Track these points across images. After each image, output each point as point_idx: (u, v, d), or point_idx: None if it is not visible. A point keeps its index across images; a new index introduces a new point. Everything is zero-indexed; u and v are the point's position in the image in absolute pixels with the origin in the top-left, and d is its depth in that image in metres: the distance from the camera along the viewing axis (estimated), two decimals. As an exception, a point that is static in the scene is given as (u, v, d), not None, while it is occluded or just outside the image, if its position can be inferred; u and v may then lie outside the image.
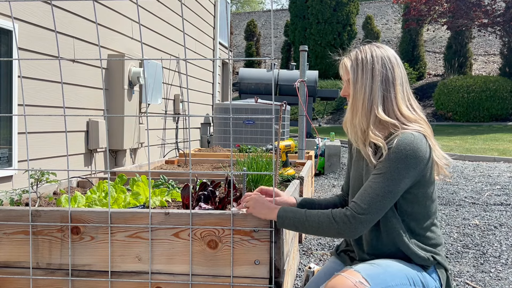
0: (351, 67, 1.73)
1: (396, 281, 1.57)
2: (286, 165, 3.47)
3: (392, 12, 27.43)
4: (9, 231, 1.78)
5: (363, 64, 1.71)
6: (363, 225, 1.58)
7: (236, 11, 38.87)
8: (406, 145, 1.59)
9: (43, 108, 3.92)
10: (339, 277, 1.55)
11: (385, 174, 1.59)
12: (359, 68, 1.71)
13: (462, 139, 12.02)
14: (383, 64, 1.71)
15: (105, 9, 4.89)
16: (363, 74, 1.70)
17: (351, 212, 1.59)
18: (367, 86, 1.69)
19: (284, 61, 22.42)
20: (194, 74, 7.82)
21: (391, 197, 1.59)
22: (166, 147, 6.63)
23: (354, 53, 1.77)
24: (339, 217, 1.59)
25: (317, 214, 1.64)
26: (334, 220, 1.60)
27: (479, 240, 3.84)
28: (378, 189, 1.59)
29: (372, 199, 1.58)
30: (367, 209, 1.58)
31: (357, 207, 1.59)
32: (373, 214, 1.58)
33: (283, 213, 1.67)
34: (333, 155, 7.46)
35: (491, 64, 20.40)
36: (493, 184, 6.27)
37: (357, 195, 1.63)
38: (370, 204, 1.58)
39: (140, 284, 1.74)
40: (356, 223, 1.58)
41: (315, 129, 5.27)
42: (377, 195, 1.58)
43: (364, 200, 1.59)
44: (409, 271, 1.62)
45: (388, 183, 1.58)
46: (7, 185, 3.53)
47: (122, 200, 2.22)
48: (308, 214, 1.65)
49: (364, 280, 1.52)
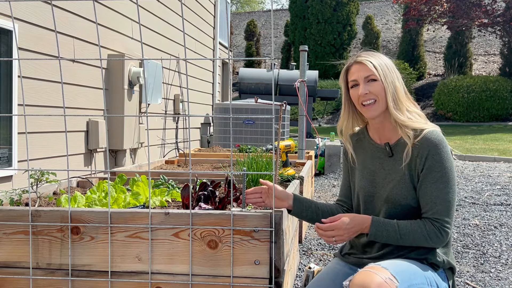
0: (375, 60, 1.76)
1: (417, 280, 1.59)
2: (286, 165, 3.47)
3: (392, 12, 27.43)
4: (9, 231, 1.78)
5: (381, 59, 1.78)
6: (449, 233, 1.67)
7: (236, 11, 38.87)
8: (443, 141, 1.68)
9: (43, 108, 3.92)
10: (366, 272, 1.52)
11: (443, 178, 1.65)
12: (382, 62, 1.77)
13: (462, 139, 12.02)
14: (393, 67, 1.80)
15: (105, 9, 4.89)
16: (387, 67, 1.76)
17: (443, 230, 1.64)
18: (395, 78, 1.76)
19: (284, 61, 22.42)
20: (194, 74, 7.82)
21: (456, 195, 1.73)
22: (166, 147, 6.63)
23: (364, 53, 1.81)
24: (434, 235, 1.64)
25: (411, 231, 1.66)
26: (429, 238, 1.64)
27: (479, 240, 3.84)
28: (450, 195, 1.65)
29: (451, 207, 1.66)
30: (450, 218, 1.66)
31: (442, 222, 1.64)
32: (453, 217, 1.68)
33: (375, 231, 1.67)
34: (333, 155, 7.46)
35: (491, 64, 20.39)
36: (493, 184, 6.27)
37: (434, 209, 1.65)
38: (449, 212, 1.65)
39: (140, 284, 1.74)
40: (447, 234, 1.66)
41: (315, 129, 5.26)
42: (453, 200, 1.66)
43: (446, 212, 1.65)
44: (425, 271, 1.65)
45: (451, 184, 1.66)
46: (7, 185, 3.53)
47: (122, 200, 2.22)
48: (402, 232, 1.66)
49: (393, 277, 1.51)
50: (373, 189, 1.79)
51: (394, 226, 1.65)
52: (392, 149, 1.76)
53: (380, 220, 1.68)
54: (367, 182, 1.81)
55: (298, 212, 1.88)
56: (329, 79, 19.73)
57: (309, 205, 1.88)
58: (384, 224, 1.66)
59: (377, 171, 1.78)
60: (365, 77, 1.74)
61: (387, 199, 1.73)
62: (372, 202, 1.80)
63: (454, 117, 16.13)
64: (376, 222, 1.67)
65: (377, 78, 1.73)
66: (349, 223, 1.66)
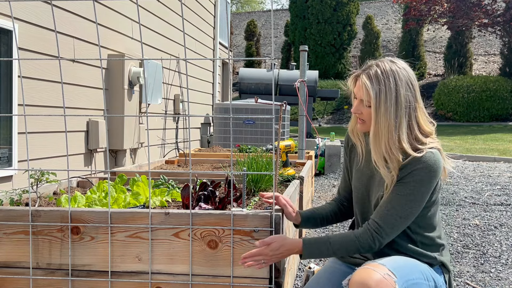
0: (372, 90, 1.63)
1: (415, 275, 1.61)
2: (286, 165, 3.46)
3: (392, 12, 27.42)
4: (9, 231, 1.78)
5: (387, 88, 1.63)
6: (383, 244, 1.65)
7: (236, 11, 38.86)
8: (430, 167, 1.61)
9: (43, 108, 3.91)
10: (365, 270, 1.54)
11: (409, 196, 1.61)
12: (382, 93, 1.63)
13: (462, 139, 12.02)
14: (407, 87, 1.64)
15: (105, 9, 4.89)
16: (386, 100, 1.62)
17: (376, 237, 1.63)
18: (392, 113, 1.62)
19: (284, 61, 22.41)
20: (194, 74, 7.82)
21: (412, 218, 1.65)
22: (166, 147, 6.63)
23: (374, 72, 1.66)
24: (366, 243, 1.64)
25: (343, 245, 1.66)
26: (361, 247, 1.64)
27: (479, 240, 3.84)
28: (401, 211, 1.62)
29: (395, 221, 1.62)
30: (390, 232, 1.63)
31: (381, 230, 1.63)
32: (394, 234, 1.65)
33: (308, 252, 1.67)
34: (333, 155, 7.46)
35: (491, 64, 20.39)
36: (493, 184, 6.27)
37: (379, 215, 1.64)
38: (393, 226, 1.63)
39: (140, 284, 1.74)
40: (380, 245, 1.64)
41: (315, 129, 5.27)
42: (400, 217, 1.62)
43: (387, 222, 1.63)
44: (422, 267, 1.66)
45: (412, 205, 1.62)
46: (7, 185, 3.52)
47: (122, 200, 2.22)
48: (335, 248, 1.66)
49: (391, 273, 1.53)
50: (366, 192, 1.81)
51: (327, 244, 1.66)
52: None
53: (312, 241, 1.68)
54: (361, 185, 1.82)
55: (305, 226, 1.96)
56: (329, 79, 19.73)
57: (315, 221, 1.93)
58: (316, 244, 1.67)
59: (371, 176, 1.78)
60: (361, 99, 1.70)
61: (374, 205, 1.75)
62: (366, 203, 1.81)
63: (454, 117, 16.13)
64: (308, 244, 1.66)
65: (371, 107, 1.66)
66: (278, 249, 1.63)
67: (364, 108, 1.69)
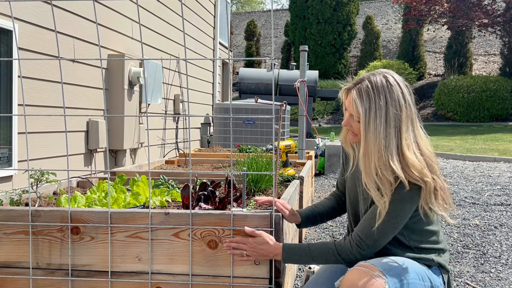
0: (362, 107, 1.60)
1: (408, 275, 1.60)
2: (286, 165, 3.46)
3: (392, 12, 27.42)
4: (9, 231, 1.78)
5: (376, 106, 1.59)
6: (365, 257, 1.64)
7: (236, 11, 38.86)
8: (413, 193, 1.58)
9: (43, 108, 3.91)
10: (356, 270, 1.56)
11: (391, 213, 1.60)
12: (372, 111, 1.59)
13: (462, 139, 12.01)
14: (397, 106, 1.60)
15: (105, 9, 4.89)
16: (376, 119, 1.58)
17: (356, 249, 1.63)
18: (381, 132, 1.58)
19: (284, 61, 22.42)
20: (194, 74, 7.82)
21: (395, 232, 1.64)
22: (166, 147, 6.63)
23: (365, 87, 1.62)
24: (345, 254, 1.64)
25: (322, 253, 1.67)
26: (340, 256, 1.65)
27: (479, 240, 3.84)
28: (384, 227, 1.61)
29: (377, 236, 1.62)
30: (372, 246, 1.63)
31: (362, 244, 1.63)
32: (376, 248, 1.64)
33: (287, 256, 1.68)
34: (333, 155, 7.46)
35: (491, 64, 20.39)
36: (493, 184, 6.27)
37: (361, 229, 1.64)
38: (375, 240, 1.62)
39: (140, 284, 1.74)
40: (361, 258, 1.64)
41: (315, 129, 5.27)
42: (383, 233, 1.62)
43: (369, 237, 1.62)
44: (417, 267, 1.66)
45: (394, 221, 1.61)
46: (7, 185, 3.52)
47: (122, 200, 2.22)
48: (314, 254, 1.67)
49: (381, 273, 1.54)
50: (356, 196, 1.82)
51: (306, 250, 1.68)
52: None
53: (292, 246, 1.70)
54: (353, 188, 1.83)
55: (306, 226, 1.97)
56: (329, 79, 19.73)
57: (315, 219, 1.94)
58: (296, 249, 1.69)
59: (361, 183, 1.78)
60: (350, 114, 1.69)
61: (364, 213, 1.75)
62: (357, 208, 1.82)
63: (454, 117, 16.12)
64: (287, 249, 1.68)
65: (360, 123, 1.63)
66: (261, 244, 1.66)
67: (354, 122, 1.69)
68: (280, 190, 2.73)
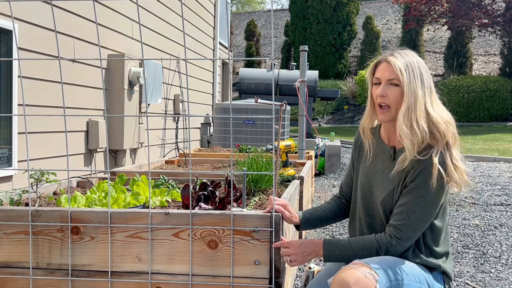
0: (402, 65, 1.71)
1: (404, 276, 1.60)
2: (286, 165, 3.46)
3: (392, 12, 27.41)
4: (9, 231, 1.78)
5: (413, 66, 1.72)
6: (404, 248, 1.66)
7: (236, 11, 38.86)
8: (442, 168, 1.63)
9: (43, 108, 3.91)
10: (348, 268, 1.57)
11: (425, 198, 1.63)
12: (410, 68, 1.71)
13: (462, 139, 11.91)
14: (426, 70, 1.75)
15: (105, 9, 4.89)
16: (414, 76, 1.70)
17: (396, 241, 1.65)
18: (419, 88, 1.70)
19: (284, 61, 22.41)
20: (194, 74, 7.82)
21: (431, 219, 1.67)
22: (166, 147, 6.63)
23: (397, 53, 1.75)
24: (385, 247, 1.65)
25: (364, 248, 1.68)
26: (380, 249, 1.66)
27: (479, 240, 3.84)
28: (421, 215, 1.64)
29: (416, 225, 1.64)
30: (411, 236, 1.65)
31: (401, 234, 1.64)
32: (415, 238, 1.67)
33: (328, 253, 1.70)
34: (333, 155, 7.46)
35: (491, 64, 20.38)
36: (493, 184, 6.27)
37: (398, 220, 1.65)
38: (415, 230, 1.64)
39: (140, 284, 1.74)
40: (401, 249, 1.66)
41: (315, 129, 5.27)
42: (421, 221, 1.64)
43: (408, 227, 1.64)
44: (415, 269, 1.66)
45: (430, 207, 1.64)
46: (7, 185, 3.52)
47: (122, 200, 2.22)
48: (355, 249, 1.68)
49: (374, 272, 1.54)
50: (371, 188, 1.81)
51: (346, 245, 1.69)
52: (396, 154, 1.76)
53: (332, 241, 1.71)
54: (367, 180, 1.83)
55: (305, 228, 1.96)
56: (329, 79, 19.73)
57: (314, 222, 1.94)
58: (336, 244, 1.70)
59: (377, 172, 1.79)
60: (388, 79, 1.73)
61: (382, 202, 1.75)
62: (370, 200, 1.81)
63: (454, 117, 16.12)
64: (328, 243, 1.70)
65: (399, 84, 1.70)
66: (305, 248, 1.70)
67: (391, 89, 1.72)
68: (280, 190, 2.73)
